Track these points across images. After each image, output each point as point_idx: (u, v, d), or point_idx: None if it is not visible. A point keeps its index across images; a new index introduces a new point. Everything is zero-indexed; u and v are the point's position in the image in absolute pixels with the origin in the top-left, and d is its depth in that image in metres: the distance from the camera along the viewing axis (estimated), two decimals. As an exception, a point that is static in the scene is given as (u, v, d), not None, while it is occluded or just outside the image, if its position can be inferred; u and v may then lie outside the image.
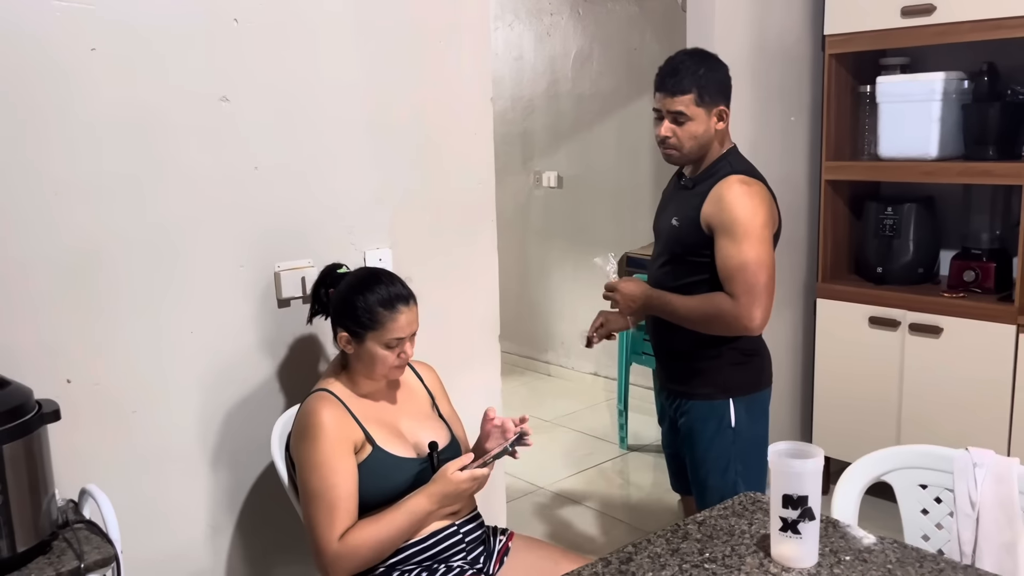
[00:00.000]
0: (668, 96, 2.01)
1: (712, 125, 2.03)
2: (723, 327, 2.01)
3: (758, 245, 1.94)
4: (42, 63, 1.67)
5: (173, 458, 1.92)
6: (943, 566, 1.39)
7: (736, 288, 1.95)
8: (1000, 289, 2.99)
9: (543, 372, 5.21)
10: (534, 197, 5.09)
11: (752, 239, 1.94)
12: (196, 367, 1.93)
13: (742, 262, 1.94)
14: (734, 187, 1.98)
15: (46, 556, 1.49)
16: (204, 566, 1.99)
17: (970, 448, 1.54)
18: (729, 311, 1.98)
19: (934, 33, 2.92)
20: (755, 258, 1.94)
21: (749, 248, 1.94)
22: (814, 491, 1.38)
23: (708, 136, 2.04)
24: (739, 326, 1.98)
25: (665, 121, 2.03)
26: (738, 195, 1.97)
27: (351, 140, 2.11)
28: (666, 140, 2.04)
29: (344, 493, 1.70)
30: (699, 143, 2.03)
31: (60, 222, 1.72)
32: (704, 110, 2.01)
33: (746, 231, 1.94)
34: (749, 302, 1.95)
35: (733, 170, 2.02)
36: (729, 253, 1.96)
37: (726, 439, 2.10)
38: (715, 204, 1.98)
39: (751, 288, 1.94)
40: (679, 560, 1.44)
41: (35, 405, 1.51)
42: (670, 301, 2.07)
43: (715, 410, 2.11)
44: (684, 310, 2.04)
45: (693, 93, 1.99)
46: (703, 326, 2.03)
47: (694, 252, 2.03)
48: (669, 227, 2.12)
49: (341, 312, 1.80)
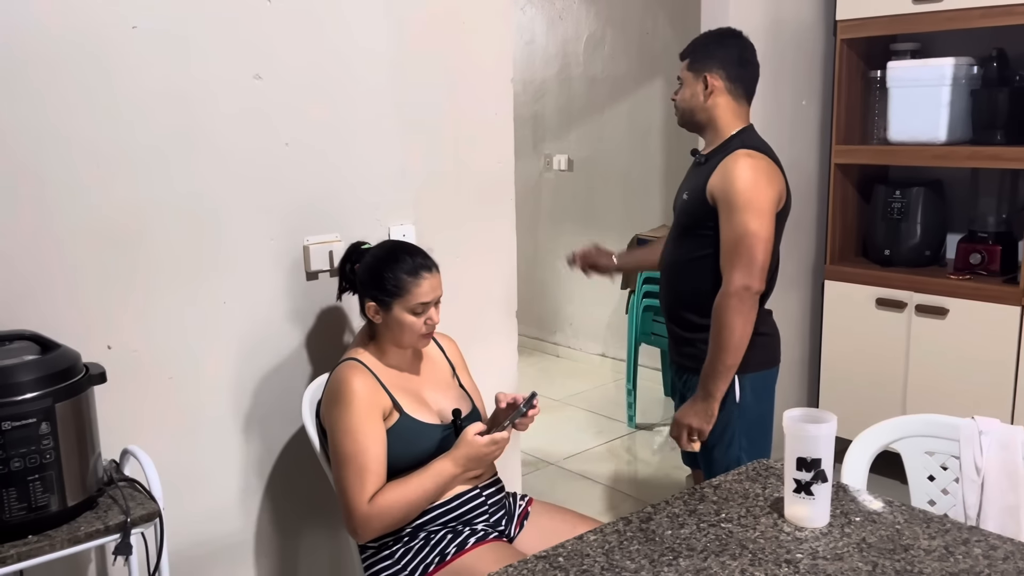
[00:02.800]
0: (681, 61, 2.18)
1: (699, 90, 2.11)
2: (739, 314, 1.99)
3: (757, 218, 1.97)
4: (86, 40, 1.73)
5: (206, 423, 1.99)
6: (948, 526, 1.46)
7: (732, 258, 1.98)
8: (1005, 271, 3.05)
9: (552, 353, 5.28)
10: (545, 180, 5.15)
11: (752, 211, 1.97)
12: (229, 336, 2.00)
13: (741, 233, 1.97)
14: (740, 160, 2.02)
15: (93, 511, 1.57)
16: (235, 527, 2.07)
17: (976, 417, 1.61)
18: (728, 297, 1.98)
19: (945, 19, 2.97)
20: (753, 231, 1.97)
21: (749, 220, 1.97)
22: (827, 454, 1.45)
23: (696, 101, 2.12)
24: (746, 299, 1.98)
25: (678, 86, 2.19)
26: (743, 167, 2.01)
27: (378, 119, 2.17)
28: (674, 103, 2.20)
29: (374, 457, 1.77)
30: (689, 106, 2.14)
31: (100, 196, 1.79)
32: (692, 74, 2.12)
33: (747, 203, 1.98)
34: (744, 274, 1.97)
35: (743, 146, 2.06)
36: (731, 224, 1.99)
37: (731, 414, 2.13)
38: (720, 176, 2.03)
39: (748, 261, 1.97)
40: (696, 520, 1.51)
41: (83, 368, 1.58)
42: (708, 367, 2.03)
43: None
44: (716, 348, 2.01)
45: (688, 58, 2.14)
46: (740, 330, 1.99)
47: (701, 224, 2.07)
48: (682, 202, 2.17)
49: (368, 283, 1.87)
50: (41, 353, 1.54)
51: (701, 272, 2.10)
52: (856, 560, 1.37)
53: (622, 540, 1.45)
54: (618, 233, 4.42)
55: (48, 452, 1.47)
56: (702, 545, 1.42)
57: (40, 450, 1.46)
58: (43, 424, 1.46)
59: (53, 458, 1.48)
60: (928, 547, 1.40)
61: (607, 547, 1.43)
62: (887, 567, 1.34)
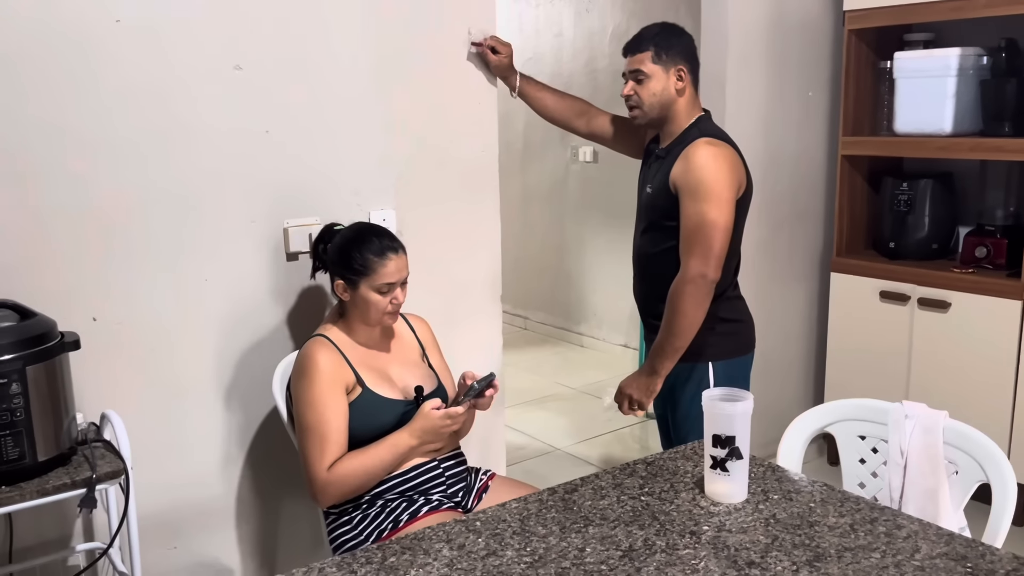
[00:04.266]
0: (629, 57, 2.16)
1: (671, 84, 2.12)
2: (695, 302, 2.04)
3: (717, 207, 2.01)
4: (72, 33, 1.86)
5: (189, 393, 2.12)
6: (862, 506, 1.49)
7: (691, 245, 2.03)
8: (1011, 265, 2.99)
9: (576, 343, 5.33)
10: (571, 172, 5.19)
11: (712, 200, 2.01)
12: (210, 312, 2.12)
13: (700, 222, 2.02)
14: (700, 148, 2.05)
15: (64, 467, 1.71)
16: (217, 492, 2.20)
17: (904, 401, 1.62)
18: (683, 284, 2.02)
19: (951, 8, 2.93)
20: (711, 219, 2.01)
21: (708, 208, 2.01)
22: (742, 432, 1.49)
23: (668, 95, 2.13)
24: (701, 286, 2.02)
25: (629, 81, 2.16)
26: (703, 156, 2.04)
27: (358, 106, 2.27)
28: (629, 99, 2.17)
29: (335, 427, 1.87)
30: (659, 100, 2.13)
31: (87, 179, 1.92)
32: (661, 67, 2.12)
33: (707, 191, 2.01)
34: (700, 261, 2.01)
35: (703, 134, 2.10)
36: (690, 212, 2.03)
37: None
38: (682, 165, 2.06)
39: (704, 248, 2.01)
40: (619, 493, 1.57)
41: (58, 335, 1.72)
42: (657, 346, 2.11)
43: (695, 373, 2.19)
44: (667, 330, 2.07)
45: (651, 51, 2.12)
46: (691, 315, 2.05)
47: (668, 216, 2.11)
48: (646, 195, 2.21)
49: (337, 262, 1.97)
50: (18, 320, 1.67)
51: (670, 263, 2.13)
52: (759, 533, 1.41)
53: (541, 508, 1.52)
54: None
55: (19, 411, 1.61)
56: (616, 515, 1.48)
57: (11, 408, 1.60)
58: (14, 385, 1.60)
59: (23, 416, 1.62)
60: (834, 524, 1.43)
61: (525, 514, 1.50)
62: (786, 540, 1.38)
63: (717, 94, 3.13)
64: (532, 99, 2.54)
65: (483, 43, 2.43)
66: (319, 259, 2.08)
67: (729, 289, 2.21)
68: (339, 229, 2.05)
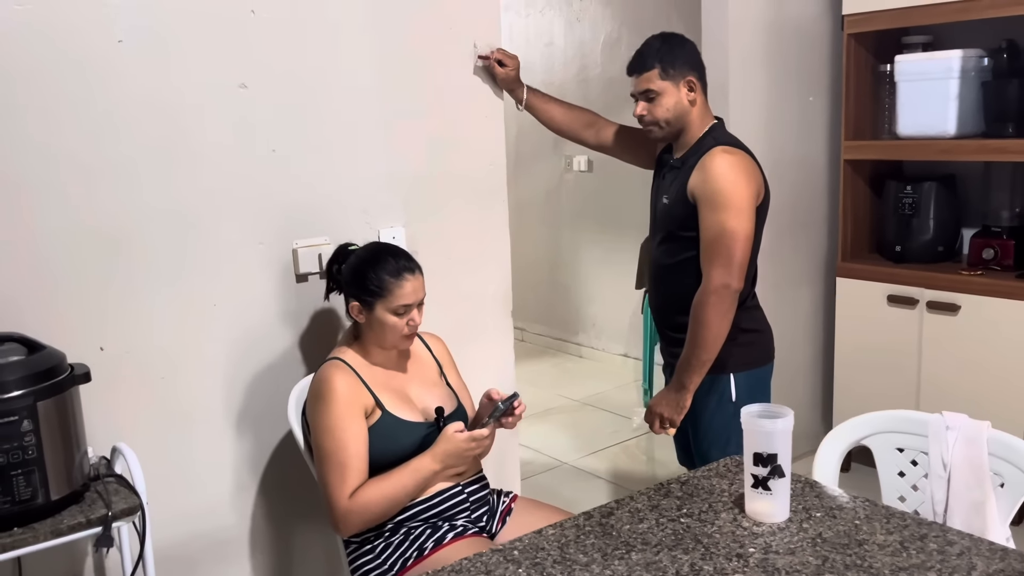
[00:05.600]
0: (636, 77, 2.13)
1: (683, 96, 2.10)
2: (719, 313, 2.01)
3: (737, 216, 1.98)
4: (73, 53, 1.81)
5: (199, 421, 2.06)
6: (909, 522, 1.45)
7: (712, 256, 2.00)
8: (1020, 266, 2.98)
9: (574, 354, 5.29)
10: (565, 181, 5.16)
11: (732, 209, 1.98)
12: (220, 338, 2.06)
13: (720, 231, 1.99)
14: (717, 157, 2.03)
15: (78, 505, 1.64)
16: (229, 522, 2.13)
17: (944, 412, 1.59)
18: (708, 295, 1.99)
19: (953, 10, 2.92)
20: (732, 229, 1.98)
21: (729, 218, 1.98)
22: (784, 449, 1.45)
23: (682, 107, 2.11)
24: (725, 297, 2.00)
25: (640, 102, 2.14)
26: (721, 165, 2.02)
27: (365, 123, 2.22)
28: (643, 118, 2.15)
29: (354, 453, 1.82)
30: (675, 114, 2.11)
31: (92, 203, 1.86)
32: (671, 82, 2.09)
33: (727, 201, 1.99)
34: (723, 271, 1.98)
35: (717, 143, 2.07)
36: (709, 222, 2.00)
37: (726, 413, 2.13)
38: (700, 175, 2.04)
39: (726, 258, 1.98)
40: (657, 515, 1.52)
41: (67, 367, 1.65)
42: (683, 360, 2.07)
43: (716, 385, 2.16)
44: (693, 343, 2.04)
45: (657, 68, 2.09)
46: (717, 327, 2.01)
47: (685, 227, 2.08)
48: (662, 206, 2.18)
49: (352, 283, 1.91)
50: (27, 354, 1.61)
51: (689, 274, 2.10)
52: (807, 554, 1.37)
53: (579, 534, 1.47)
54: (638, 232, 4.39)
55: (31, 448, 1.54)
56: (657, 539, 1.44)
57: (23, 446, 1.54)
58: (25, 421, 1.53)
59: (36, 454, 1.55)
60: (883, 542, 1.39)
61: (563, 541, 1.45)
62: (837, 561, 1.34)
63: (719, 101, 3.09)
64: (539, 111, 2.51)
65: (490, 56, 2.39)
66: (333, 280, 2.03)
67: (748, 299, 2.18)
68: (353, 249, 2.00)
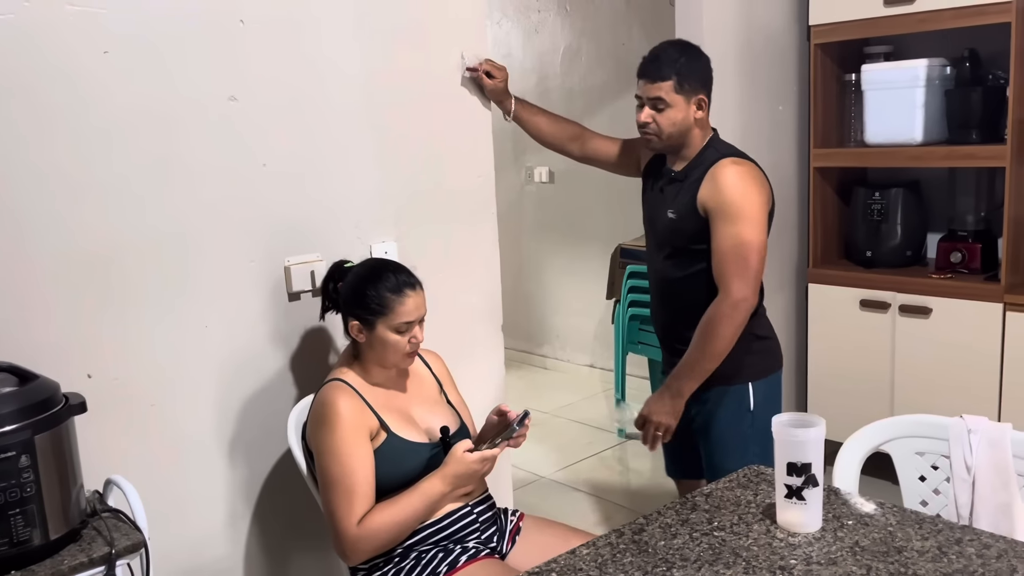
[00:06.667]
0: (649, 83, 2.06)
1: (691, 113, 2.07)
2: (731, 326, 2.00)
3: (751, 227, 1.98)
4: (57, 66, 1.71)
5: (191, 449, 1.97)
6: (941, 526, 1.45)
7: (728, 268, 1.98)
8: (986, 269, 3.07)
9: (539, 366, 5.27)
10: (526, 193, 5.15)
11: (746, 221, 1.98)
12: (211, 360, 1.97)
13: (737, 243, 1.98)
14: (728, 169, 2.02)
15: (77, 544, 1.54)
16: (223, 553, 2.04)
17: (964, 415, 1.61)
18: (724, 308, 1.98)
19: (917, 21, 2.99)
20: (747, 240, 1.97)
21: (743, 230, 1.97)
22: (817, 459, 1.44)
23: (687, 123, 2.07)
24: (741, 310, 1.99)
25: (646, 108, 2.08)
26: (732, 176, 2.01)
27: (356, 137, 2.16)
28: (646, 126, 2.09)
29: (362, 478, 1.75)
30: (678, 129, 2.07)
31: (76, 222, 1.76)
32: (683, 97, 2.05)
33: (740, 212, 1.98)
34: (742, 284, 1.97)
35: (721, 154, 2.06)
36: (724, 234, 1.99)
37: (745, 423, 2.12)
38: (710, 187, 2.02)
39: (743, 270, 1.97)
40: (689, 529, 1.50)
41: (63, 398, 1.55)
42: (685, 367, 2.05)
43: (735, 395, 2.13)
44: (701, 353, 2.02)
45: (673, 80, 2.03)
46: (729, 340, 2.01)
47: (696, 240, 2.06)
48: (667, 220, 2.13)
49: (351, 302, 1.85)
50: (19, 384, 1.51)
51: (698, 287, 2.09)
52: (850, 564, 1.36)
53: (615, 553, 1.44)
54: (602, 244, 4.42)
55: (28, 485, 1.45)
56: (695, 555, 1.41)
57: (20, 483, 1.44)
58: (23, 457, 1.43)
59: (34, 491, 1.45)
60: (921, 548, 1.39)
61: (600, 560, 1.42)
62: (881, 570, 1.34)
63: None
64: (526, 123, 2.48)
65: (478, 68, 2.36)
66: (329, 298, 1.96)
67: (759, 305, 2.17)
68: (350, 266, 1.93)
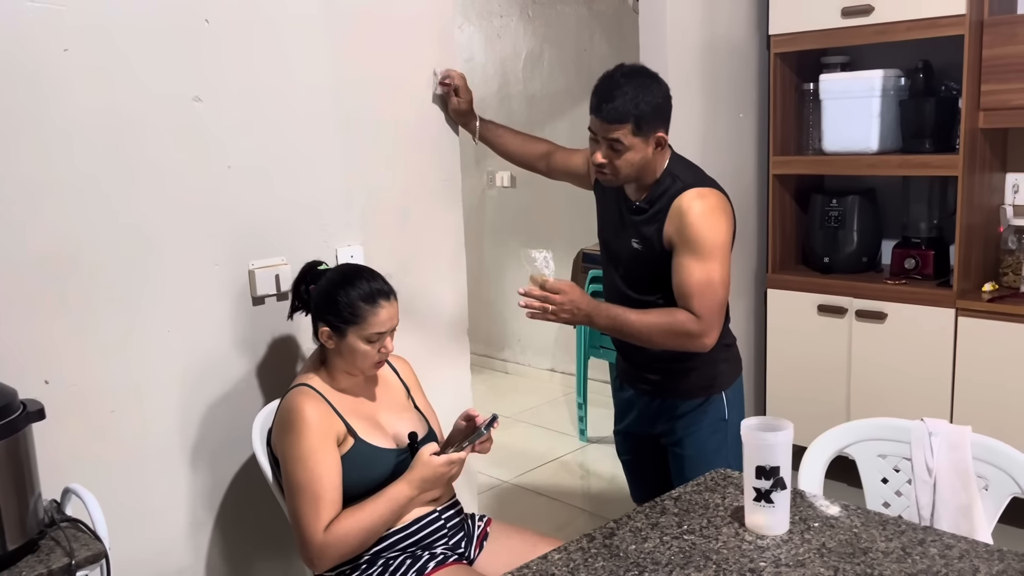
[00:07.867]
0: (605, 123, 1.91)
1: (650, 151, 1.95)
2: (680, 344, 1.97)
3: (719, 264, 1.92)
4: (14, 63, 1.67)
5: (152, 456, 1.92)
6: (904, 528, 1.49)
7: (697, 305, 1.92)
8: (939, 275, 3.15)
9: (500, 370, 5.27)
10: (488, 197, 5.15)
11: (715, 258, 1.91)
12: (173, 366, 1.94)
13: (706, 281, 1.91)
14: (694, 204, 1.93)
15: (35, 554, 1.50)
16: (185, 563, 2.00)
17: (925, 419, 1.65)
18: (693, 329, 1.93)
19: (873, 32, 3.06)
20: (717, 278, 1.92)
21: (712, 267, 1.91)
22: (785, 462, 1.46)
23: (645, 161, 1.96)
24: (698, 344, 1.95)
25: (602, 147, 1.94)
26: (699, 212, 1.93)
27: (322, 139, 2.14)
28: (603, 166, 1.96)
29: (329, 484, 1.73)
30: (636, 169, 1.96)
31: (33, 223, 1.72)
32: (642, 139, 1.92)
33: (710, 250, 1.91)
34: (710, 322, 1.93)
35: (685, 184, 1.97)
36: (692, 271, 1.92)
37: (720, 432, 2.11)
38: (676, 223, 1.94)
39: (712, 308, 1.92)
40: (659, 533, 1.51)
41: (20, 405, 1.51)
42: (621, 314, 1.98)
43: (710, 407, 2.12)
44: (641, 324, 1.97)
45: (630, 123, 1.89)
46: (658, 341, 1.98)
47: (659, 267, 2.00)
48: (631, 249, 2.06)
49: (323, 307, 1.83)
50: (-26, 391, 1.46)
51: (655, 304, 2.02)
52: (818, 566, 1.38)
53: (587, 557, 1.44)
54: (563, 248, 4.43)
55: (-16, 495, 1.40)
56: (666, 558, 1.42)
57: (-24, 494, 1.39)
58: (-22, 466, 1.39)
59: (-10, 501, 1.41)
60: (886, 549, 1.42)
61: (572, 565, 1.42)
62: (848, 571, 1.36)
63: (656, 118, 3.15)
64: (492, 143, 2.48)
65: (449, 83, 2.35)
66: (300, 299, 1.93)
67: None
68: (324, 269, 1.91)
